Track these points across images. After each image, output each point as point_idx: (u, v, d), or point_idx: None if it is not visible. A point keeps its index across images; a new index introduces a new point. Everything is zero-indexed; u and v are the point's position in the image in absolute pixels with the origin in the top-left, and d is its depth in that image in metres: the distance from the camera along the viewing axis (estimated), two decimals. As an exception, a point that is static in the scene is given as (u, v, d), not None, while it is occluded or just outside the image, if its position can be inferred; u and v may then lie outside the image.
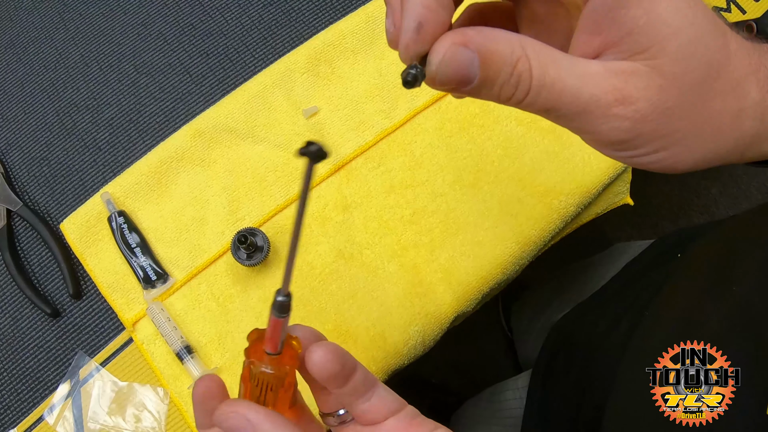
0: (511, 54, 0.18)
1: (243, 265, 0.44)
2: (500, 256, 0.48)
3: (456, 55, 0.18)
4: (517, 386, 0.56)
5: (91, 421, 0.44)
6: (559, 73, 0.19)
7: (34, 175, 0.50)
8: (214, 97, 0.51)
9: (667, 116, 0.19)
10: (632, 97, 0.19)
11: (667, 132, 0.19)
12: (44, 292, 0.47)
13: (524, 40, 0.19)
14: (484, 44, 0.18)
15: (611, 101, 0.19)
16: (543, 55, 0.19)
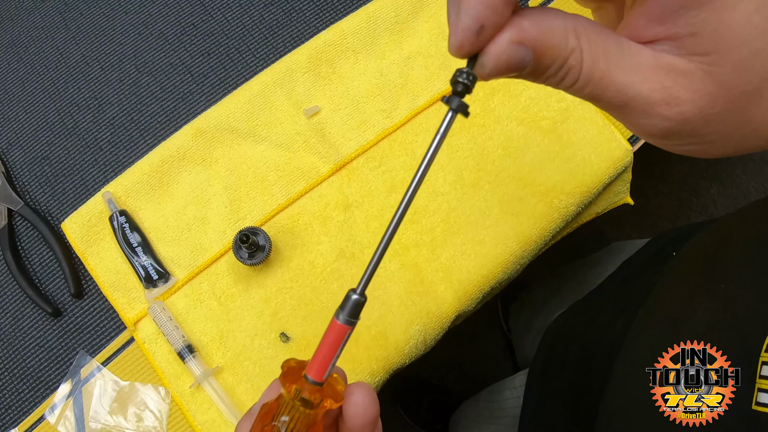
0: (566, 47, 0.18)
1: (244, 265, 0.44)
2: (501, 255, 0.48)
3: (511, 55, 0.18)
4: (515, 385, 0.56)
5: (92, 421, 0.44)
6: (609, 66, 0.18)
7: (35, 175, 0.50)
8: (216, 96, 0.51)
9: (709, 121, 0.19)
10: (679, 99, 0.18)
11: (706, 132, 0.19)
12: (45, 291, 0.47)
13: (580, 27, 0.18)
14: (540, 40, 0.18)
15: (657, 100, 0.18)
16: (596, 45, 0.18)
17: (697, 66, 0.18)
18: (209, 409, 0.44)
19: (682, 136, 0.19)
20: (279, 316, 0.46)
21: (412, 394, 1.14)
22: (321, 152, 0.49)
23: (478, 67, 0.18)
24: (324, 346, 0.21)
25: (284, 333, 0.45)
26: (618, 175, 0.52)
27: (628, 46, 0.18)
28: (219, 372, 0.45)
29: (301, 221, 0.48)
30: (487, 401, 0.64)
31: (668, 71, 0.18)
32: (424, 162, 0.19)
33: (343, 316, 0.20)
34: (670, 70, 0.18)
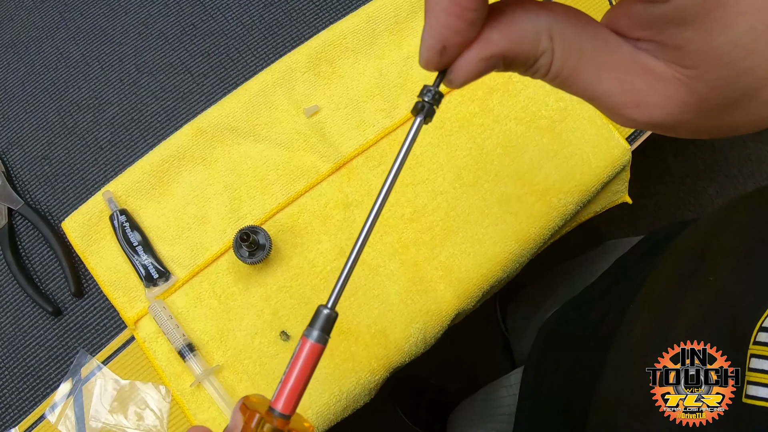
0: (537, 50, 0.18)
1: (245, 263, 0.44)
2: (500, 254, 0.48)
3: (480, 70, 0.18)
4: (510, 383, 0.56)
5: (92, 420, 0.44)
6: (579, 64, 0.18)
7: (35, 174, 0.50)
8: (216, 96, 0.52)
9: (679, 123, 0.19)
10: (650, 104, 0.18)
11: (674, 130, 0.19)
12: (46, 290, 0.47)
13: (555, 25, 0.18)
14: (510, 50, 0.18)
15: (626, 101, 0.18)
16: (569, 44, 0.18)
17: (676, 74, 0.17)
18: (210, 408, 0.44)
19: (649, 129, 0.19)
20: (279, 314, 0.46)
21: (411, 395, 1.14)
22: (321, 151, 0.49)
23: (446, 82, 0.18)
24: (294, 370, 0.18)
25: (284, 332, 0.45)
26: (616, 174, 0.52)
27: (605, 43, 0.18)
28: (219, 371, 0.45)
29: (301, 220, 0.48)
30: (484, 400, 0.65)
31: (644, 72, 0.18)
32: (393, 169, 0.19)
33: (316, 333, 0.19)
34: (647, 71, 0.18)
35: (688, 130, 0.19)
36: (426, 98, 0.19)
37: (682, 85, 0.18)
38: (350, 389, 0.44)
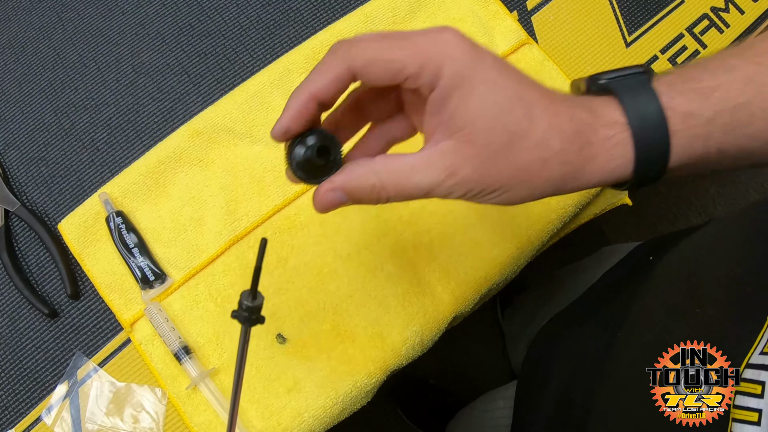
0: (371, 186, 0.26)
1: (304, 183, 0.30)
2: (499, 257, 0.48)
3: (330, 200, 0.27)
4: (507, 395, 0.56)
5: (89, 422, 0.44)
6: (407, 181, 0.26)
7: (31, 176, 0.50)
8: (212, 97, 0.51)
9: (486, 174, 0.25)
10: (457, 168, 0.25)
11: (492, 183, 0.26)
12: (42, 292, 0.47)
13: (380, 166, 0.26)
14: (349, 184, 0.27)
15: (443, 178, 0.26)
16: (394, 173, 0.26)
17: (459, 140, 0.25)
18: (206, 411, 0.44)
19: (482, 193, 0.26)
20: (276, 317, 0.46)
21: (411, 395, 1.14)
22: (318, 153, 0.49)
23: (313, 204, 0.29)
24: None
25: (281, 334, 0.45)
26: (616, 175, 0.52)
27: (419, 162, 0.26)
28: (215, 373, 0.44)
29: (297, 222, 0.47)
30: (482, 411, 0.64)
31: (445, 154, 0.26)
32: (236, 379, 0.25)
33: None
34: (446, 153, 0.25)
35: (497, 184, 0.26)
36: (243, 308, 0.27)
37: (465, 144, 0.25)
38: (347, 392, 0.44)
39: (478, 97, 0.25)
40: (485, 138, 0.25)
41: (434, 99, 0.25)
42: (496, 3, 0.54)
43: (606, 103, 0.27)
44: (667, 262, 0.38)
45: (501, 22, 0.53)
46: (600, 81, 0.28)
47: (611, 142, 0.26)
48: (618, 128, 0.26)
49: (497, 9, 0.53)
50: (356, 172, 0.27)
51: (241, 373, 0.24)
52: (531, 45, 0.53)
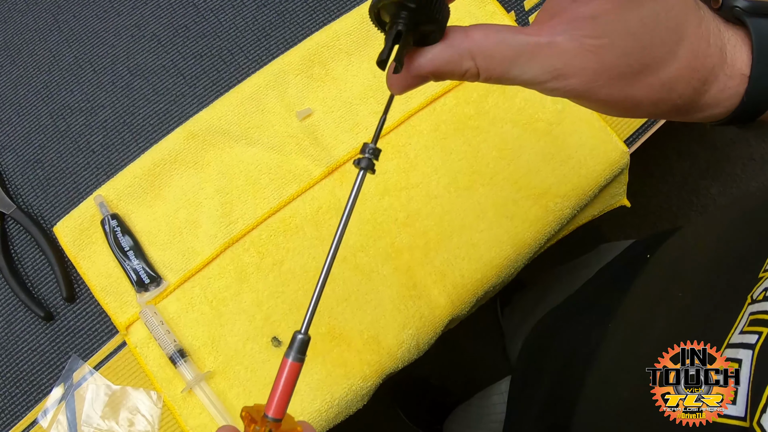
0: (461, 69, 0.23)
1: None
2: (495, 259, 0.48)
3: (412, 83, 0.24)
4: (501, 390, 0.56)
5: (84, 425, 0.44)
6: (503, 67, 0.23)
7: (27, 178, 0.50)
8: (208, 99, 0.51)
9: (593, 92, 0.23)
10: (568, 74, 0.22)
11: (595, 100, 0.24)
12: (38, 295, 0.47)
13: (476, 48, 0.23)
14: (440, 69, 0.23)
15: (548, 78, 0.23)
16: (491, 57, 0.23)
17: (586, 47, 0.22)
18: (201, 414, 0.44)
19: (579, 101, 0.24)
20: (271, 320, 0.45)
21: (411, 395, 1.14)
22: (313, 155, 0.48)
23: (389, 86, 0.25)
24: (279, 384, 0.23)
25: (276, 337, 0.45)
26: (614, 177, 0.52)
27: (524, 47, 0.22)
28: (210, 376, 0.44)
29: (293, 224, 0.47)
30: (477, 406, 0.64)
31: (560, 54, 0.22)
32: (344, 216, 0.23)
33: (294, 355, 0.23)
34: (562, 53, 0.22)
35: (601, 98, 0.23)
36: (367, 154, 0.24)
37: (592, 55, 0.22)
38: (342, 396, 0.44)
39: (641, 14, 0.21)
40: (618, 60, 0.22)
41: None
42: (493, 3, 0.53)
43: (738, 46, 0.25)
44: (658, 254, 0.38)
45: (498, 22, 0.53)
46: (734, 7, 0.25)
47: (727, 93, 0.25)
48: (739, 80, 0.25)
49: (494, 9, 0.53)
50: (450, 53, 0.23)
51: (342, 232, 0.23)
52: (528, 45, 0.53)
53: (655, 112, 0.25)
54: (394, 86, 0.24)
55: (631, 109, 0.24)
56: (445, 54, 0.23)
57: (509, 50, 0.22)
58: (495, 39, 0.22)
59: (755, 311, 0.23)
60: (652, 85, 0.23)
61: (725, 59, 0.25)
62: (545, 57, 0.22)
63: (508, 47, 0.22)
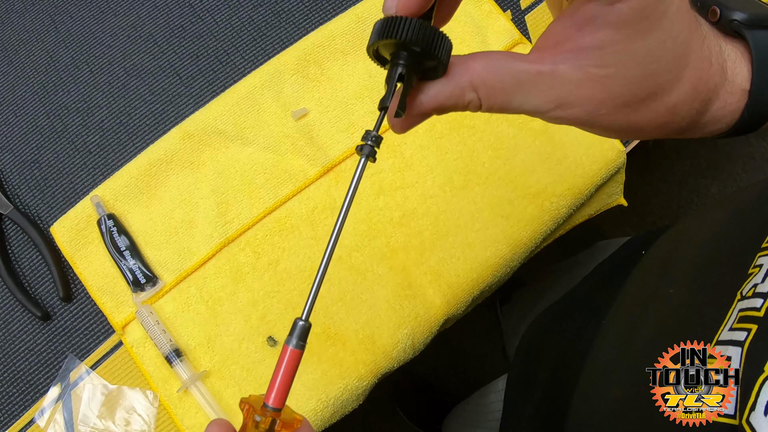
0: (463, 101, 0.22)
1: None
2: (491, 259, 0.48)
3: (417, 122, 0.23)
4: (498, 389, 0.56)
5: (81, 424, 0.44)
6: (505, 98, 0.22)
7: (24, 178, 0.50)
8: (204, 99, 0.51)
9: (597, 119, 0.23)
10: (571, 103, 0.22)
11: (599, 126, 0.23)
12: (35, 295, 0.47)
13: (477, 79, 0.22)
14: (443, 104, 0.22)
15: (551, 108, 0.22)
16: (493, 88, 0.22)
17: (591, 77, 0.21)
18: (197, 414, 0.44)
19: (582, 128, 0.24)
20: (266, 320, 0.45)
21: (411, 395, 1.14)
22: (309, 155, 0.48)
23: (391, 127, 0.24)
24: (279, 372, 0.23)
25: (271, 337, 0.45)
26: (611, 176, 0.52)
27: (526, 76, 0.22)
28: (206, 376, 0.44)
29: (288, 224, 0.47)
30: (475, 404, 0.64)
31: (563, 84, 0.22)
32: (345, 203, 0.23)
33: (295, 342, 0.23)
34: (565, 82, 0.22)
35: (604, 125, 0.23)
36: (369, 141, 0.23)
37: (597, 85, 0.21)
38: (337, 395, 0.44)
39: (647, 43, 0.21)
40: (623, 89, 0.21)
41: (605, 14, 0.20)
42: (489, 2, 0.53)
43: (738, 60, 0.25)
44: (652, 250, 0.38)
45: (494, 22, 0.53)
46: (733, 20, 0.25)
47: (728, 109, 0.25)
48: (739, 95, 0.25)
49: (490, 8, 0.53)
50: (451, 88, 0.22)
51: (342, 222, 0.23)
52: (525, 44, 0.53)
53: (657, 134, 0.24)
54: (397, 128, 0.24)
55: (634, 134, 0.24)
56: (447, 89, 0.22)
57: (511, 80, 0.22)
58: (495, 69, 0.22)
59: (744, 308, 0.23)
60: (657, 110, 0.23)
61: (726, 76, 0.24)
62: (548, 86, 0.22)
63: (509, 77, 0.22)
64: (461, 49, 0.51)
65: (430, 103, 0.22)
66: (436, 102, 0.22)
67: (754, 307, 0.23)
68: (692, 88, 0.23)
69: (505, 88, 0.22)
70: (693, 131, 0.25)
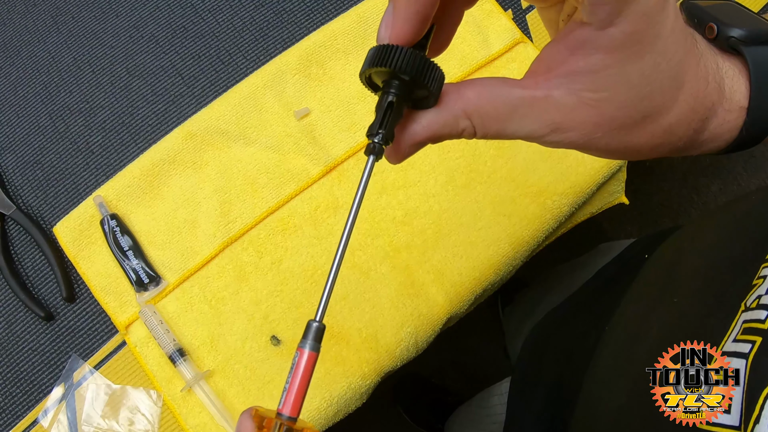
0: (457, 129, 0.22)
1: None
2: (493, 257, 0.48)
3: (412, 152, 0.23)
4: (501, 392, 0.56)
5: (85, 424, 0.44)
6: (499, 125, 0.22)
7: (27, 179, 0.50)
8: (206, 99, 0.51)
9: (593, 142, 0.23)
10: (566, 127, 0.22)
11: (595, 148, 0.23)
12: (38, 295, 0.47)
13: (471, 107, 0.22)
14: (437, 133, 0.22)
15: (547, 132, 0.22)
16: (487, 116, 0.22)
17: (585, 101, 0.21)
18: (200, 413, 0.44)
19: (579, 149, 0.24)
20: (270, 319, 0.46)
21: (413, 394, 1.14)
22: (311, 154, 0.48)
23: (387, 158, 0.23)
24: (295, 379, 0.21)
25: (275, 336, 0.45)
26: (612, 174, 0.52)
27: (520, 102, 0.22)
28: (210, 375, 0.45)
29: (291, 224, 0.47)
30: (478, 406, 0.64)
31: (558, 109, 0.22)
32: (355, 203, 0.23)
33: (311, 344, 0.22)
34: (560, 107, 0.22)
35: (600, 148, 0.23)
36: (377, 140, 0.22)
37: (591, 109, 0.21)
38: (341, 394, 0.44)
39: (641, 66, 0.20)
40: (618, 112, 0.21)
41: (596, 39, 0.20)
42: (490, 2, 0.53)
43: (736, 78, 0.25)
44: (656, 256, 0.38)
45: (495, 21, 0.53)
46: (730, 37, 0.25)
47: (726, 127, 0.25)
48: (737, 113, 0.24)
49: (492, 8, 0.53)
50: (444, 117, 0.22)
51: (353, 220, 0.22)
52: (526, 44, 0.53)
53: (654, 155, 0.24)
54: (392, 158, 0.23)
55: (631, 155, 0.24)
56: (440, 119, 0.22)
57: (504, 107, 0.22)
58: (488, 96, 0.22)
59: (748, 319, 0.23)
60: (653, 132, 0.22)
61: (724, 94, 0.24)
62: (542, 111, 0.22)
63: (502, 104, 0.22)
64: (462, 48, 0.52)
65: (424, 133, 0.22)
66: (430, 131, 0.22)
67: (759, 318, 0.23)
68: (689, 108, 0.23)
69: (500, 116, 0.22)
70: (691, 150, 0.25)
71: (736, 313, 0.24)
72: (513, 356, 0.77)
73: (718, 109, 0.24)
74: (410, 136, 0.22)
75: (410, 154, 0.23)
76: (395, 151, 0.23)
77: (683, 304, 0.28)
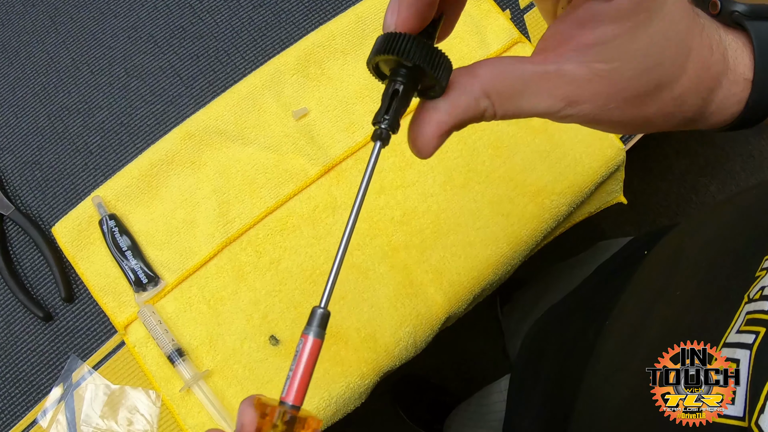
0: (479, 110, 0.22)
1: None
2: (491, 257, 0.48)
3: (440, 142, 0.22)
4: (500, 389, 0.56)
5: (84, 425, 0.44)
6: (515, 102, 0.22)
7: (26, 179, 0.50)
8: (205, 99, 0.51)
9: (606, 113, 0.23)
10: (580, 100, 0.22)
11: (608, 120, 0.23)
12: (37, 296, 0.47)
13: (489, 86, 0.21)
14: (456, 123, 0.22)
15: (562, 107, 0.22)
16: (503, 94, 0.22)
17: (597, 72, 0.21)
18: (199, 413, 0.44)
19: (592, 124, 0.24)
20: (268, 319, 0.46)
21: (411, 394, 1.14)
22: (309, 154, 0.49)
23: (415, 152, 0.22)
24: (299, 366, 0.21)
25: (274, 336, 0.45)
26: (610, 174, 0.52)
27: (532, 77, 0.22)
28: (209, 375, 0.45)
29: (290, 224, 0.47)
30: (477, 404, 0.64)
31: (571, 82, 0.22)
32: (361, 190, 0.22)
33: (315, 330, 0.21)
34: (572, 80, 0.22)
35: (614, 120, 0.23)
36: (383, 125, 0.21)
37: (603, 80, 0.22)
38: (340, 394, 0.44)
39: (649, 34, 0.21)
40: (630, 82, 0.22)
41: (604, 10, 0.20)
42: (488, 1, 0.53)
43: (739, 51, 0.25)
44: (656, 251, 0.38)
45: (493, 21, 0.53)
46: (733, 12, 0.25)
47: (731, 99, 0.25)
48: (742, 85, 0.25)
49: (489, 7, 0.53)
50: (462, 103, 0.21)
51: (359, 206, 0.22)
52: (524, 43, 0.53)
53: (665, 126, 0.25)
54: (423, 153, 0.22)
55: (643, 126, 0.24)
56: (461, 102, 0.21)
57: (517, 83, 0.22)
58: (501, 74, 0.22)
59: (752, 310, 0.23)
60: (664, 101, 0.23)
61: (728, 65, 0.24)
62: (555, 85, 0.22)
63: (517, 79, 0.22)
64: (460, 48, 0.52)
65: (450, 120, 0.22)
66: (455, 117, 0.22)
67: (762, 309, 0.23)
68: (696, 76, 0.23)
69: (515, 93, 0.22)
70: (700, 122, 0.25)
71: (738, 305, 0.24)
72: (512, 355, 0.77)
73: (723, 79, 0.24)
74: (437, 126, 0.22)
75: (438, 146, 0.22)
76: (425, 145, 0.22)
77: (684, 297, 0.29)
